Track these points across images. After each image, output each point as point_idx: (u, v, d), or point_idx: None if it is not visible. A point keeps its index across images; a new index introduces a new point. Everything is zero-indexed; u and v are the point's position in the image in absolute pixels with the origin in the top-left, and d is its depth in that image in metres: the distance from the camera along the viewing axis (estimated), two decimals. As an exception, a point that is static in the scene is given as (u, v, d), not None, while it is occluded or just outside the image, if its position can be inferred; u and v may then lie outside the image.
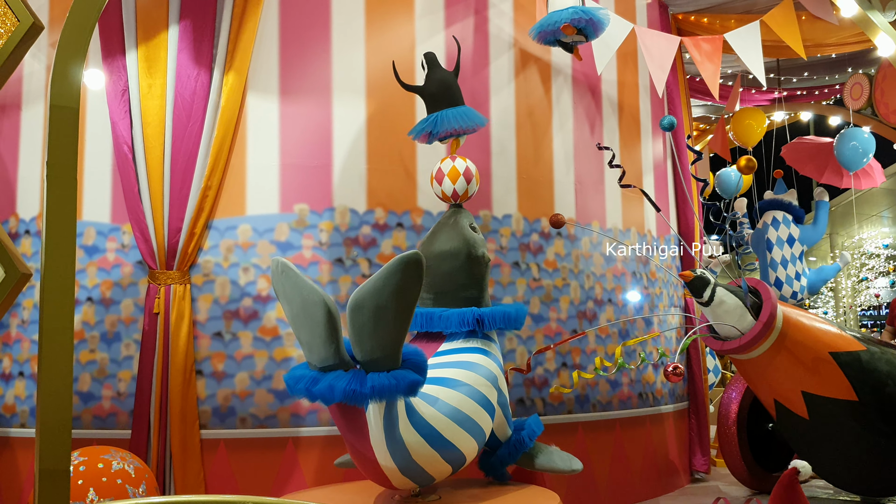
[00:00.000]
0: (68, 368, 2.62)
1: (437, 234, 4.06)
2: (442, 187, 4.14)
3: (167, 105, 4.60)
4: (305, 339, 2.96)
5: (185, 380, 4.43)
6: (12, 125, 4.95)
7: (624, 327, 5.58)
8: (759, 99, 8.85)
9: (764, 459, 5.88)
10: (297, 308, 2.90)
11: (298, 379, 2.97)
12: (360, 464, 3.28)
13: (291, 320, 2.97)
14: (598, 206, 5.62)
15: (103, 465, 3.82)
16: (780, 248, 7.00)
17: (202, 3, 4.70)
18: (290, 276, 2.86)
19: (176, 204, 4.54)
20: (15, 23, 2.74)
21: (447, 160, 4.16)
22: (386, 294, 2.85)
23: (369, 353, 2.97)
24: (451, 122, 4.15)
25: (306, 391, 2.93)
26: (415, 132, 4.28)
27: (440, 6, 5.12)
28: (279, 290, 2.96)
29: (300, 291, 2.85)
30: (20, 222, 4.84)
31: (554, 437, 4.80)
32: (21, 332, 4.75)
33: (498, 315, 3.94)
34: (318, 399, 2.94)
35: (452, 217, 4.11)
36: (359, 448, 3.16)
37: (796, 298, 7.06)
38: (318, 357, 2.95)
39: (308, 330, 2.91)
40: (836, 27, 6.45)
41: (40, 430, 2.56)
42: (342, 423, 3.13)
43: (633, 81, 6.14)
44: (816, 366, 4.55)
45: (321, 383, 2.91)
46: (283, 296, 2.95)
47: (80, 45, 2.78)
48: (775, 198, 7.20)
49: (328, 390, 2.90)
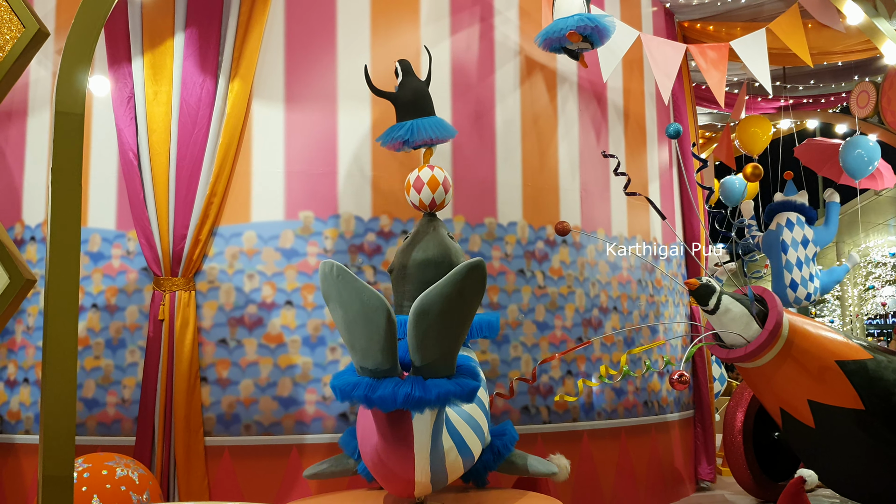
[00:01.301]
0: (72, 375, 2.62)
1: (416, 243, 4.04)
2: (421, 196, 4.12)
3: (173, 112, 4.61)
4: (362, 344, 2.88)
5: (190, 387, 4.43)
6: (18, 132, 4.96)
7: (629, 335, 5.56)
8: (765, 107, 8.84)
9: (770, 468, 5.85)
10: (353, 313, 2.82)
11: (355, 385, 2.89)
12: (381, 471, 3.21)
13: (346, 325, 2.88)
14: (603, 213, 5.61)
15: (107, 471, 3.81)
16: (795, 250, 6.97)
17: (208, 10, 4.71)
18: (347, 281, 2.78)
19: (181, 211, 4.55)
20: (21, 29, 2.75)
21: (425, 169, 4.15)
22: (452, 300, 2.83)
23: (430, 359, 2.92)
24: (428, 132, 4.17)
25: (365, 398, 2.86)
26: (385, 139, 4.28)
27: (445, 13, 5.13)
28: (331, 293, 2.87)
29: (360, 296, 2.78)
30: (25, 228, 4.85)
31: (559, 446, 4.78)
32: (26, 339, 4.76)
33: (484, 324, 3.96)
34: (375, 405, 2.87)
35: (430, 225, 4.10)
36: (394, 456, 3.08)
37: (810, 300, 7.03)
38: (373, 362, 2.88)
39: (366, 335, 2.84)
40: (843, 35, 6.44)
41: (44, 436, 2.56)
42: (387, 431, 3.02)
43: (639, 89, 6.13)
44: (823, 374, 4.53)
45: (382, 389, 2.85)
46: (336, 300, 2.86)
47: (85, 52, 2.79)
48: (787, 199, 7.15)
49: (391, 396, 2.84)
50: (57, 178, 2.68)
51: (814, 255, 7.09)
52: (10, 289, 2.65)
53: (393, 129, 4.25)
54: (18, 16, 2.74)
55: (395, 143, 4.24)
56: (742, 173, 4.55)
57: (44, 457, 2.54)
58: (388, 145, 4.29)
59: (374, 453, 3.14)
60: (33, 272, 2.86)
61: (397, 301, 4.06)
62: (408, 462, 3.06)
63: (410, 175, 4.18)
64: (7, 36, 2.74)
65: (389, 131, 4.25)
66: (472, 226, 4.98)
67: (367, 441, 3.22)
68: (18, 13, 2.74)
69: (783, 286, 6.97)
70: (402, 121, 4.24)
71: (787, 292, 6.92)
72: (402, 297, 4.00)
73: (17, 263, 2.67)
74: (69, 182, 2.68)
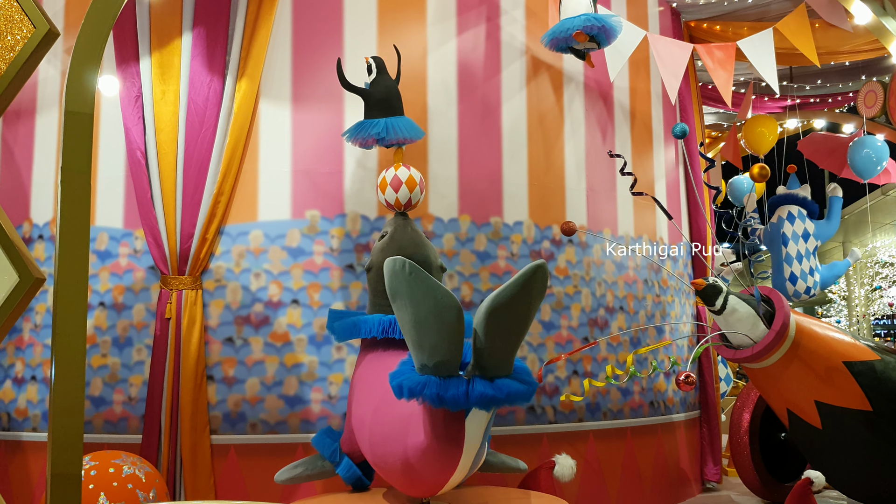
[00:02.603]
0: (81, 374, 2.63)
1: (397, 242, 3.98)
2: (398, 195, 4.09)
3: (180, 111, 4.63)
4: (431, 342, 2.87)
5: (196, 385, 4.44)
6: (27, 130, 4.98)
7: (635, 335, 5.55)
8: (772, 106, 8.81)
9: (776, 469, 5.84)
10: (425, 311, 2.81)
11: (424, 384, 2.87)
12: (418, 470, 3.16)
13: (415, 323, 2.86)
14: (609, 213, 5.60)
15: (114, 469, 3.83)
16: (796, 243, 6.95)
17: (215, 10, 4.73)
18: (421, 278, 2.77)
19: (188, 209, 4.56)
20: (31, 29, 2.76)
21: (402, 168, 4.12)
22: (520, 300, 2.82)
23: (497, 359, 2.91)
24: (403, 132, 4.17)
25: (437, 396, 2.84)
26: (355, 134, 4.22)
27: (452, 13, 5.13)
28: (402, 290, 2.83)
29: (434, 294, 2.77)
30: (34, 227, 4.87)
31: (564, 446, 4.79)
32: (34, 337, 4.78)
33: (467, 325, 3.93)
34: (446, 404, 2.86)
35: (408, 225, 4.08)
36: (441, 455, 3.05)
37: (809, 294, 7.01)
38: (441, 361, 2.87)
39: (437, 333, 2.84)
40: (850, 34, 6.42)
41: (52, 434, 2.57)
42: (441, 431, 2.99)
43: (646, 89, 6.13)
44: (830, 375, 4.52)
45: (454, 388, 2.84)
46: (406, 297, 2.83)
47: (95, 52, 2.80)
48: (790, 192, 7.14)
49: (463, 395, 2.84)
50: (66, 178, 2.70)
51: (815, 248, 7.07)
52: (20, 287, 2.67)
53: (365, 125, 4.20)
54: (29, 16, 2.75)
55: (367, 140, 4.21)
56: (749, 173, 4.53)
57: (52, 455, 2.55)
58: (357, 141, 4.25)
59: (417, 452, 3.09)
60: (42, 270, 2.87)
61: (375, 300, 3.99)
62: (453, 461, 3.05)
63: (386, 173, 4.13)
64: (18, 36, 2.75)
65: (361, 127, 4.21)
66: (477, 225, 4.98)
67: (396, 441, 3.17)
68: (29, 13, 2.76)
69: (783, 279, 6.95)
70: (372, 118, 4.21)
71: (787, 285, 6.90)
72: (380, 296, 3.88)
73: (27, 262, 2.69)
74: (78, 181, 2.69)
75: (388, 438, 3.24)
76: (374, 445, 3.36)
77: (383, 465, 3.34)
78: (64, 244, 2.71)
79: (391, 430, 3.23)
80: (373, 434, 3.39)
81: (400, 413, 3.16)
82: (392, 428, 3.22)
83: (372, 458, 3.46)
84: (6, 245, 2.72)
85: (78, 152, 2.75)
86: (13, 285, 2.68)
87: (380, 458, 3.35)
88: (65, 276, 2.67)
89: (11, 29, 2.78)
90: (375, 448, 3.35)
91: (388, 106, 4.23)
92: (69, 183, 2.72)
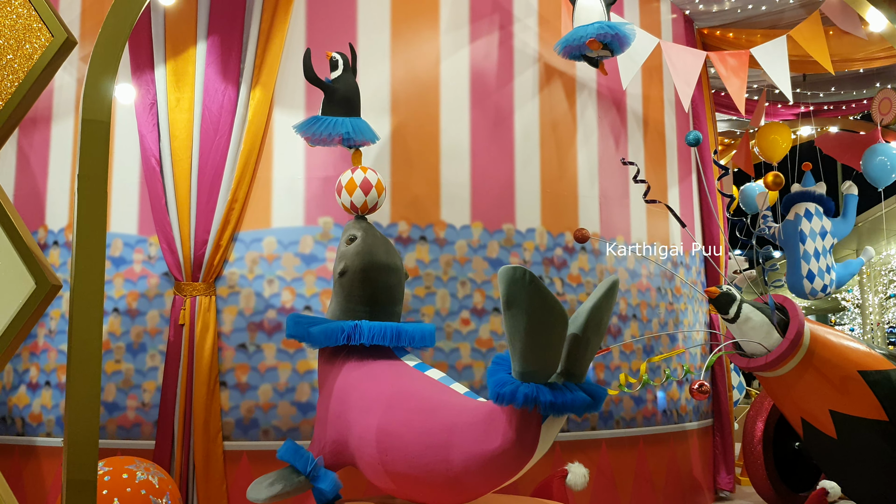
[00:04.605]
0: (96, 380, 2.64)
1: (374, 245, 3.88)
2: (367, 198, 3.98)
3: (195, 119, 4.65)
4: (541, 351, 2.91)
5: (209, 391, 4.46)
6: (42, 137, 5.02)
7: (648, 343, 5.53)
8: (785, 114, 8.79)
9: (790, 479, 5.79)
10: (538, 320, 2.84)
11: (538, 390, 2.90)
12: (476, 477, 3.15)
13: (527, 332, 2.87)
14: (622, 220, 5.59)
15: (128, 475, 3.84)
16: (813, 241, 6.91)
17: (230, 18, 4.75)
18: (539, 287, 2.79)
19: (202, 216, 4.58)
20: (49, 38, 2.79)
21: (370, 171, 4.03)
22: (606, 313, 2.95)
23: (585, 366, 3.00)
24: (366, 134, 4.11)
25: (550, 404, 2.88)
26: (316, 130, 4.07)
27: (465, 22, 5.14)
28: (519, 299, 2.82)
29: (550, 304, 2.80)
30: (49, 233, 4.90)
31: (577, 454, 4.77)
32: (48, 342, 4.80)
33: (427, 333, 3.89)
34: (560, 411, 2.91)
35: (373, 229, 3.98)
36: (513, 460, 3.07)
37: (826, 292, 6.96)
38: (547, 369, 2.94)
39: (547, 343, 2.89)
40: (865, 42, 6.39)
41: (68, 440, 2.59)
42: (525, 437, 3.02)
43: (658, 96, 6.12)
44: (845, 384, 4.49)
45: (565, 395, 2.91)
46: (523, 306, 2.83)
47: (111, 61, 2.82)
48: (806, 189, 7.09)
49: (570, 402, 2.90)
50: (83, 185, 2.72)
51: (831, 246, 7.03)
52: (37, 294, 2.68)
53: (328, 121, 4.06)
54: (47, 25, 2.78)
55: (330, 138, 4.07)
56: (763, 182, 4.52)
57: (68, 461, 2.56)
58: (316, 137, 4.10)
59: (483, 459, 3.09)
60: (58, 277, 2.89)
61: (347, 305, 3.84)
62: (520, 466, 3.09)
63: (354, 175, 4.00)
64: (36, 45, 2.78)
65: (322, 123, 4.07)
66: (490, 232, 4.98)
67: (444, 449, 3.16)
68: (47, 22, 2.78)
69: (799, 276, 6.90)
70: (331, 115, 4.08)
71: (804, 283, 6.86)
72: (355, 301, 3.82)
73: (44, 269, 2.70)
74: (95, 189, 2.71)
75: (433, 448, 3.19)
76: (414, 456, 3.26)
77: (420, 475, 3.26)
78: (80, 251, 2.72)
79: (437, 440, 3.19)
80: (408, 444, 3.29)
81: (444, 422, 3.18)
82: (437, 437, 3.19)
83: (403, 469, 3.33)
84: (23, 252, 2.74)
85: (94, 160, 2.77)
86: (30, 292, 2.69)
87: (418, 469, 3.26)
88: (81, 282, 2.68)
89: (30, 38, 2.81)
90: (414, 459, 3.26)
91: (350, 105, 4.13)
92: (86, 190, 2.74)
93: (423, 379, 3.59)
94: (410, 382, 3.56)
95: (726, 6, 6.51)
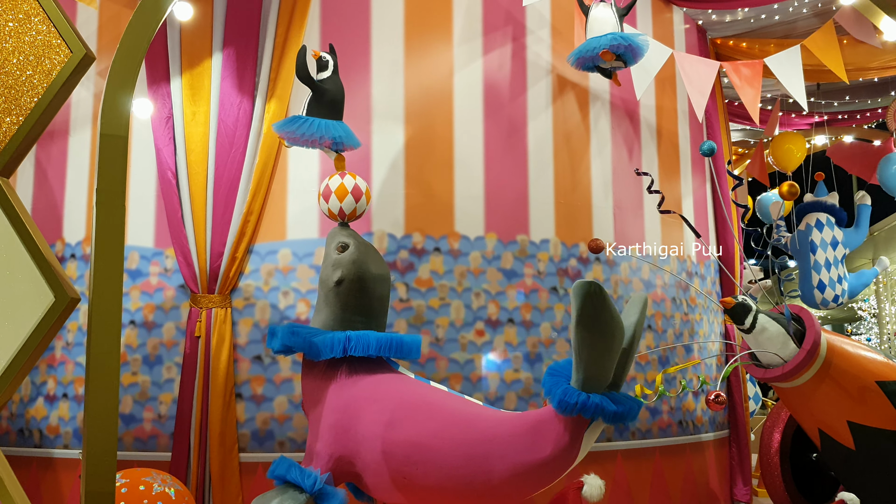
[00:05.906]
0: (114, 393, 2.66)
1: (366, 254, 3.82)
2: (357, 204, 3.92)
3: (210, 132, 4.69)
4: (602, 363, 3.01)
5: (225, 403, 4.47)
6: (59, 150, 5.07)
7: (664, 354, 5.51)
8: (799, 123, 8.75)
9: (808, 490, 5.74)
10: (603, 333, 2.93)
11: (600, 400, 3.00)
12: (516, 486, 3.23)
13: (596, 344, 2.95)
14: (636, 231, 5.58)
15: (145, 487, 3.85)
16: (824, 251, 6.88)
17: (245, 31, 4.80)
18: (608, 302, 2.87)
19: (218, 229, 4.61)
20: (68, 54, 2.82)
21: (358, 177, 3.98)
22: (641, 326, 3.14)
23: (625, 376, 3.13)
24: (353, 140, 4.04)
25: (614, 413, 3.01)
26: (303, 131, 3.92)
27: (478, 33, 5.16)
28: (591, 313, 2.85)
29: (615, 318, 2.91)
30: (66, 246, 4.94)
31: (592, 466, 4.74)
32: (66, 355, 4.84)
33: (414, 345, 3.82)
34: (620, 419, 3.04)
35: (359, 237, 3.90)
36: (557, 467, 3.17)
37: (837, 302, 6.93)
38: (605, 379, 3.05)
39: (610, 356, 3.00)
40: (879, 50, 6.37)
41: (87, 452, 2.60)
42: (576, 442, 3.12)
43: (672, 106, 6.11)
44: (862, 395, 4.45)
45: (624, 406, 3.04)
46: (597, 319, 2.88)
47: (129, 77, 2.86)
48: (818, 200, 7.07)
49: (628, 411, 3.05)
50: (101, 199, 2.75)
51: (843, 256, 6.99)
52: (55, 307, 2.71)
53: (321, 124, 3.94)
54: (66, 40, 2.81)
55: (321, 141, 3.93)
56: (778, 191, 4.50)
57: (87, 473, 2.58)
58: (305, 139, 3.94)
59: (529, 467, 3.16)
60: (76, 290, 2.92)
61: (344, 316, 3.73)
62: (564, 472, 3.20)
63: (345, 180, 3.94)
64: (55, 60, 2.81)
65: (318, 126, 3.93)
66: (504, 243, 4.98)
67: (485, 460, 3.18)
68: (66, 38, 2.82)
69: (811, 287, 6.87)
70: (317, 116, 3.97)
71: (815, 293, 6.83)
72: (351, 311, 3.73)
73: (62, 282, 2.73)
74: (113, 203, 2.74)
75: (474, 459, 3.20)
76: (452, 468, 3.24)
77: (455, 486, 3.25)
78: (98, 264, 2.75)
79: (477, 451, 3.21)
80: (445, 456, 3.26)
81: (482, 433, 3.23)
82: (478, 449, 3.21)
83: (435, 482, 3.28)
84: (42, 265, 2.77)
85: (112, 174, 2.80)
86: (49, 305, 2.72)
87: (455, 480, 3.24)
88: (100, 296, 2.71)
89: (49, 54, 2.84)
90: (452, 471, 3.23)
91: (337, 108, 4.05)
92: (104, 204, 2.77)
93: (441, 391, 3.59)
94: (431, 394, 3.53)
95: (739, 16, 6.50)
